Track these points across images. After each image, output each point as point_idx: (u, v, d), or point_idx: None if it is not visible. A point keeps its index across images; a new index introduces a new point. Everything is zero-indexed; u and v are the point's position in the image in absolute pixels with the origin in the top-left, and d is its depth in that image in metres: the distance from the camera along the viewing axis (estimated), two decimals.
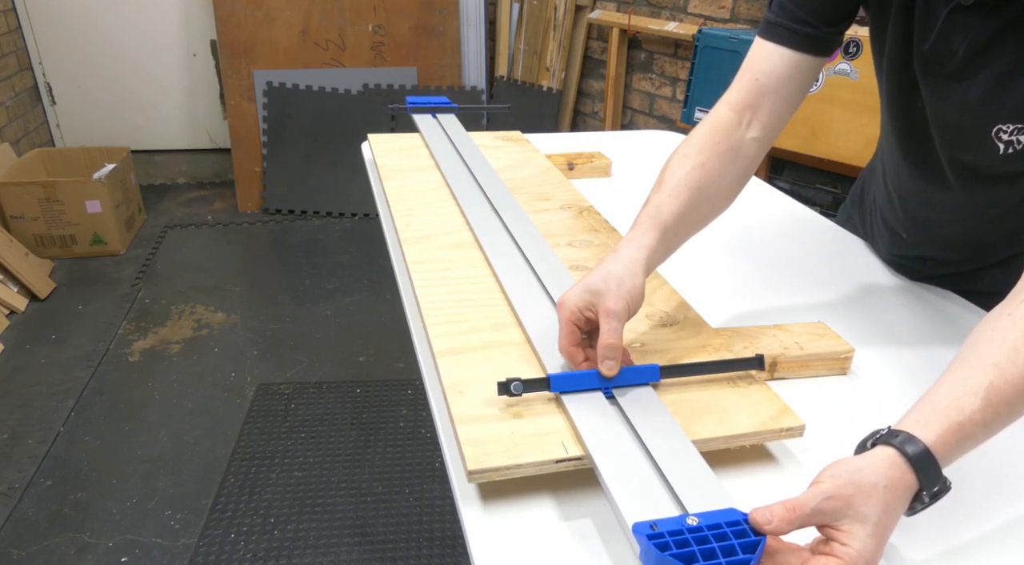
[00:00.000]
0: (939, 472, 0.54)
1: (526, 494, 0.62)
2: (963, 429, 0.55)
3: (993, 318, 0.60)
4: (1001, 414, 0.56)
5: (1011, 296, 0.61)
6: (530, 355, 0.75)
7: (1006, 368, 0.56)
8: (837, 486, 0.52)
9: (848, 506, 0.51)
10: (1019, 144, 0.76)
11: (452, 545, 1.71)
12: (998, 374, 0.56)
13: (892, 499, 0.53)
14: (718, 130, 0.82)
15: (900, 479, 0.53)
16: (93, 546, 1.69)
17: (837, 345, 0.80)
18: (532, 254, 0.93)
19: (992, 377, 0.56)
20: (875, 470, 0.53)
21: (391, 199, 1.13)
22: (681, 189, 0.77)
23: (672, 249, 0.78)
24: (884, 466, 0.53)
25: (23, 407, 2.15)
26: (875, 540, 0.51)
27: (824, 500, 0.51)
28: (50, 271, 2.90)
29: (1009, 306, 0.60)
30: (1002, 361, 0.56)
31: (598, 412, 0.65)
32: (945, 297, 0.98)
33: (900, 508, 0.54)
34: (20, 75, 3.40)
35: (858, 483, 0.52)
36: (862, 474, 0.53)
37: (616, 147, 1.49)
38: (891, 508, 0.52)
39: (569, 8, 3.39)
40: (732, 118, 0.83)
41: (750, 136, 0.83)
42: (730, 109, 0.83)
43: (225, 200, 3.68)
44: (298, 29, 3.40)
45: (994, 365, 0.56)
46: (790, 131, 2.25)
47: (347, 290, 2.84)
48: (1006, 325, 0.59)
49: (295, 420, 2.11)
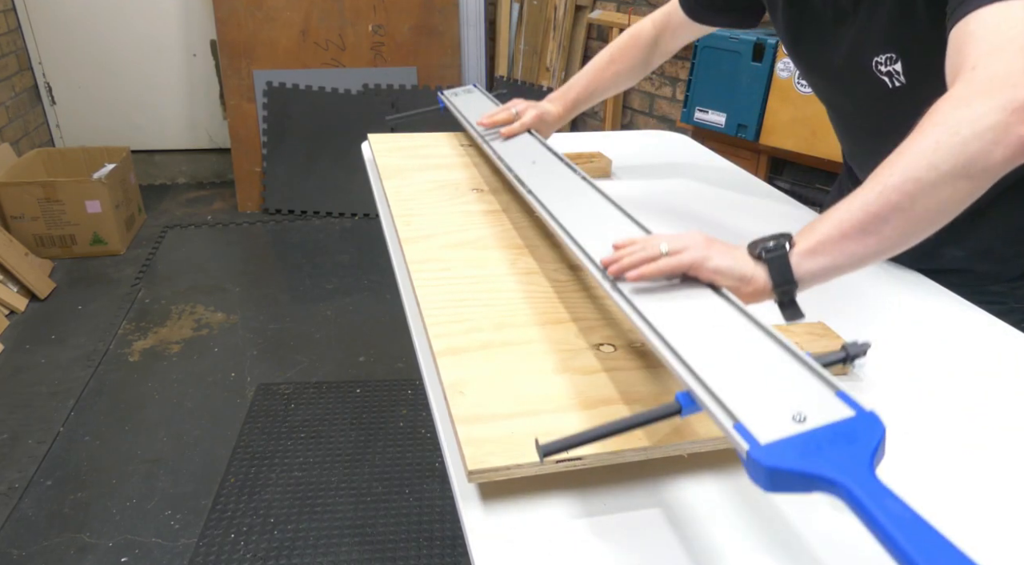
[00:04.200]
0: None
1: (526, 494, 0.62)
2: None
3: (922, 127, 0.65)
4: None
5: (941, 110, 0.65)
6: (530, 355, 0.75)
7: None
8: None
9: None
10: (898, 75, 0.87)
11: (452, 545, 1.71)
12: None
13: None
14: (635, 39, 1.22)
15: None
16: (93, 546, 1.69)
17: (837, 345, 0.80)
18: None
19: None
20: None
21: (391, 199, 1.13)
22: (593, 78, 1.24)
23: (580, 108, 1.27)
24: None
25: (23, 407, 2.15)
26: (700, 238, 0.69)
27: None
28: (50, 271, 2.90)
29: (935, 116, 0.64)
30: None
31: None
32: (945, 296, 0.98)
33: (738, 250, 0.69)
34: (20, 75, 3.40)
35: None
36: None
37: (616, 147, 1.49)
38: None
39: (569, 8, 3.39)
40: (651, 32, 1.22)
41: (658, 50, 1.23)
42: (651, 24, 1.22)
43: (225, 200, 3.68)
44: (298, 29, 3.40)
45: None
46: (790, 131, 2.25)
47: (347, 290, 2.84)
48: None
49: (295, 420, 2.11)
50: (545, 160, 1.08)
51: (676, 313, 0.64)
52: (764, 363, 0.56)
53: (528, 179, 1.01)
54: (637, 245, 0.71)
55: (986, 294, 0.96)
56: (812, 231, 0.66)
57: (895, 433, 0.72)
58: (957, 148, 0.61)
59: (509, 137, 1.19)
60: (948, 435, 0.72)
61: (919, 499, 0.65)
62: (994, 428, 0.73)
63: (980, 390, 0.79)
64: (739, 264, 0.67)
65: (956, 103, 0.64)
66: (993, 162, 0.61)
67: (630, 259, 0.69)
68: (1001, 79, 0.63)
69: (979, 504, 0.64)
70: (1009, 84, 0.62)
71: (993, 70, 0.64)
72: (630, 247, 0.71)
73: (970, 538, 0.60)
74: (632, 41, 1.23)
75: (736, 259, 0.67)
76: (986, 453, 0.70)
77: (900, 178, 0.62)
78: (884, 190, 0.63)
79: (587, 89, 1.25)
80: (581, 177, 0.99)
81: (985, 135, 0.61)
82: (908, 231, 0.64)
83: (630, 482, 0.64)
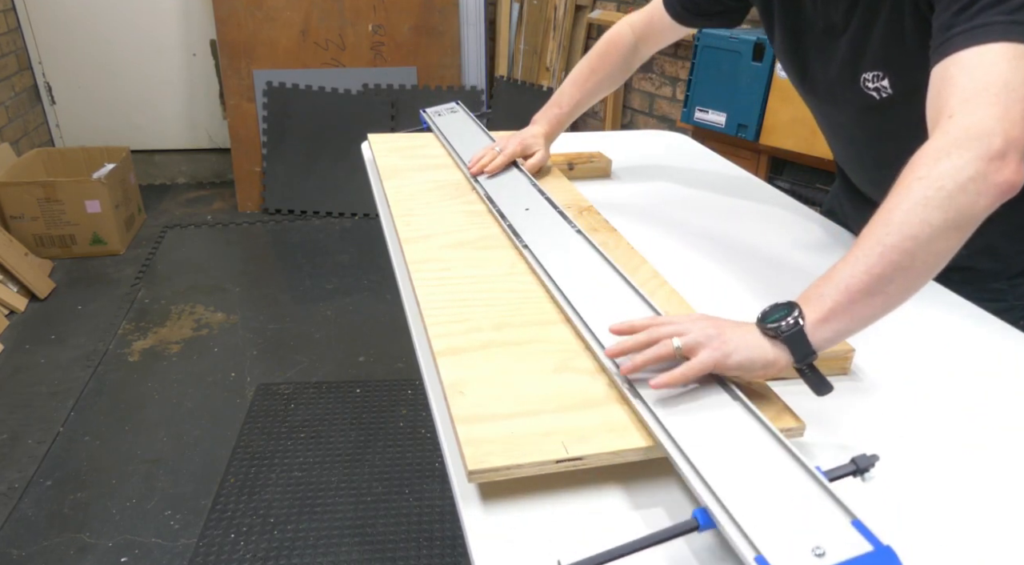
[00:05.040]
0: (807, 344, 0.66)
1: (526, 494, 0.62)
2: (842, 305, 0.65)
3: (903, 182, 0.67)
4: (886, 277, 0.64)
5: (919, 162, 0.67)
6: (530, 355, 0.75)
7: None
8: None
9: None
10: (885, 89, 0.89)
11: (452, 545, 1.71)
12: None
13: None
14: (615, 46, 1.22)
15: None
16: (93, 546, 1.69)
17: (837, 345, 0.80)
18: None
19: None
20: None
21: (391, 199, 1.13)
22: (575, 91, 1.24)
23: (568, 122, 1.26)
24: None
25: (23, 407, 2.15)
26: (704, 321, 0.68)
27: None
28: (50, 271, 2.90)
29: (918, 170, 0.66)
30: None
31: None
32: (944, 296, 0.98)
33: (745, 326, 0.68)
34: (20, 75, 3.40)
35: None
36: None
37: (616, 147, 1.49)
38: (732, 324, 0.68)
39: (569, 8, 3.39)
40: (630, 37, 1.21)
41: (639, 54, 1.23)
42: (631, 29, 1.21)
43: (225, 200, 3.68)
44: (298, 29, 3.40)
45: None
46: (790, 131, 2.25)
47: (347, 290, 2.84)
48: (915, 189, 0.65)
49: (295, 420, 2.11)
50: (538, 206, 1.06)
51: (694, 423, 0.63)
52: (780, 483, 0.56)
53: (523, 232, 0.99)
54: (642, 335, 0.68)
55: (987, 291, 0.97)
56: (821, 299, 0.66)
57: (895, 433, 0.72)
58: (945, 202, 0.63)
59: (495, 173, 1.18)
60: (948, 435, 0.72)
61: (919, 499, 0.65)
62: (994, 428, 0.73)
63: (980, 390, 0.79)
64: (758, 352, 0.66)
65: (937, 156, 0.66)
66: (978, 211, 0.64)
67: (643, 358, 0.67)
68: (976, 129, 0.65)
69: (979, 504, 0.64)
70: (985, 133, 0.64)
71: (969, 120, 0.66)
72: (636, 338, 0.69)
73: (970, 538, 0.61)
74: (611, 47, 1.22)
75: (752, 348, 0.66)
76: (986, 453, 0.70)
77: (898, 237, 0.64)
78: (884, 251, 0.64)
79: (571, 102, 1.24)
80: (576, 230, 0.98)
81: (968, 187, 0.63)
82: (910, 286, 0.66)
83: (630, 482, 0.64)
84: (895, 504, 0.63)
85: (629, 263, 0.95)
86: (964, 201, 0.63)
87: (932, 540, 0.60)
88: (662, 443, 0.61)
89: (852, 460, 0.58)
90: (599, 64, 1.23)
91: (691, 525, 0.54)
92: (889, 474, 0.67)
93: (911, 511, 0.63)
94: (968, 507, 0.63)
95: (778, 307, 0.67)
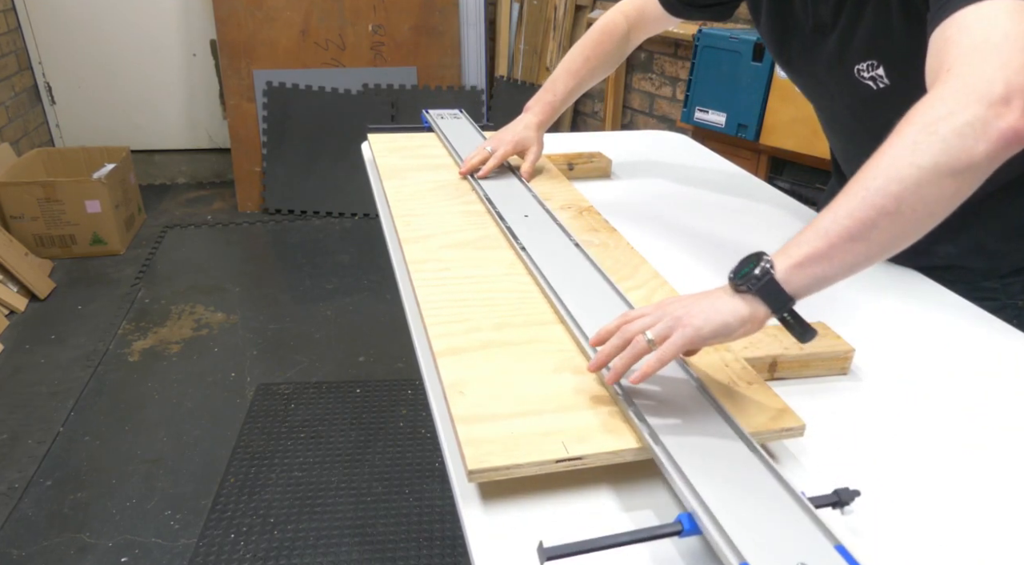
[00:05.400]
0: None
1: (526, 494, 0.62)
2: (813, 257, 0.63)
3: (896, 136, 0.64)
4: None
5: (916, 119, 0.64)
6: (530, 355, 0.75)
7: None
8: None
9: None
10: (882, 78, 0.88)
11: (452, 545, 1.71)
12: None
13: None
14: (608, 35, 1.22)
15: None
16: (93, 546, 1.69)
17: (837, 345, 0.80)
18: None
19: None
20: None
21: (391, 199, 1.13)
22: (569, 78, 1.23)
23: (562, 109, 1.26)
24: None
25: (23, 407, 2.15)
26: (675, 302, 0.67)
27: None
28: (50, 271, 2.90)
29: (912, 117, 0.63)
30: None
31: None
32: (945, 297, 0.98)
33: (716, 294, 0.67)
34: (20, 75, 3.40)
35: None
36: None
37: (616, 147, 1.49)
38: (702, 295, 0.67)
39: (569, 8, 3.39)
40: (623, 25, 1.21)
41: (631, 43, 1.24)
42: (624, 18, 1.21)
43: (225, 200, 3.68)
44: (298, 29, 3.40)
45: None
46: (790, 131, 2.25)
47: (347, 290, 2.84)
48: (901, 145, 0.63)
49: (295, 420, 2.11)
50: (536, 214, 1.06)
51: (684, 433, 0.63)
52: (764, 499, 0.57)
53: (522, 236, 0.99)
54: (615, 338, 0.67)
55: (979, 290, 0.97)
56: (798, 243, 0.63)
57: (895, 433, 0.72)
58: (937, 146, 0.60)
59: (487, 175, 1.19)
60: (948, 435, 0.72)
61: (918, 499, 0.65)
62: (994, 428, 0.73)
63: (980, 390, 0.79)
64: (730, 314, 0.64)
65: (932, 103, 0.63)
66: (976, 157, 0.60)
67: (622, 363, 0.66)
68: (976, 76, 0.62)
69: (979, 504, 0.64)
70: (984, 79, 0.61)
71: (968, 69, 0.63)
72: (610, 343, 0.67)
73: (970, 538, 0.61)
74: (605, 36, 1.22)
75: (723, 312, 0.64)
76: (986, 453, 0.70)
77: (883, 180, 0.61)
78: (868, 195, 0.61)
79: (565, 89, 1.24)
80: (574, 243, 0.98)
81: (964, 131, 0.60)
82: (898, 234, 0.62)
83: (629, 482, 0.64)
84: (896, 504, 0.63)
85: (629, 263, 0.95)
86: (959, 145, 0.60)
87: (932, 540, 0.60)
88: (653, 449, 0.62)
89: (835, 492, 0.58)
90: (592, 52, 1.22)
91: (674, 528, 0.55)
92: (889, 474, 0.67)
93: (911, 511, 0.63)
94: (968, 507, 0.63)
95: (747, 260, 0.65)
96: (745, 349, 0.78)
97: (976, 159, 0.60)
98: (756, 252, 0.65)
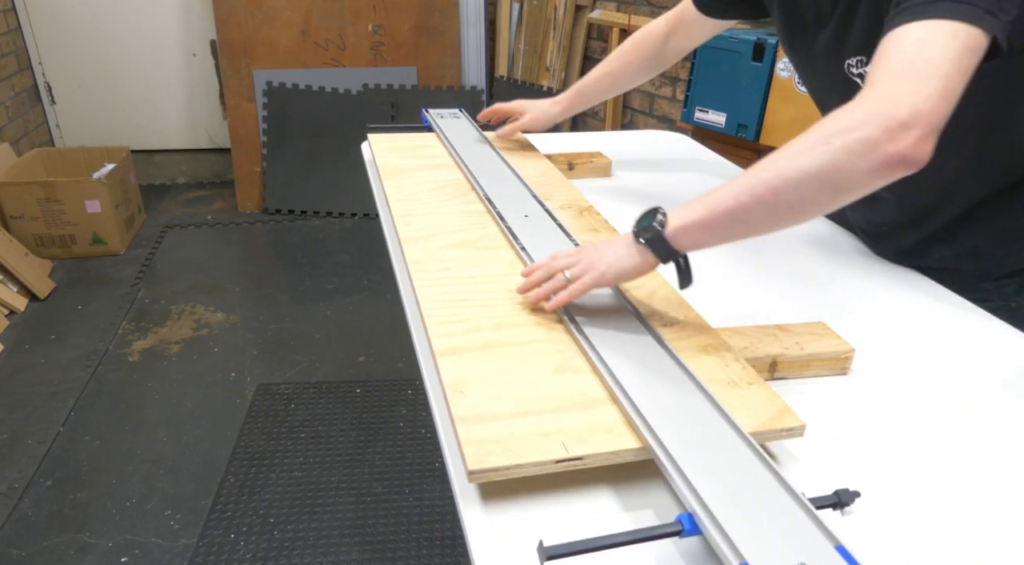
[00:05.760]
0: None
1: (526, 494, 0.62)
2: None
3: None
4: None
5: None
6: (530, 355, 0.75)
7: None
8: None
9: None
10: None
11: (452, 545, 1.71)
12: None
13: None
14: (647, 35, 1.26)
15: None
16: (93, 546, 1.69)
17: (837, 345, 0.80)
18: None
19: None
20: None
21: (391, 199, 1.13)
22: (602, 70, 1.29)
23: (588, 105, 1.34)
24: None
25: (23, 407, 2.15)
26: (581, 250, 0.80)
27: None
28: (50, 271, 2.90)
29: (822, 122, 0.68)
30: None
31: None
32: (946, 297, 0.98)
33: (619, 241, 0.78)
34: (20, 75, 3.40)
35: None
36: None
37: (616, 147, 1.49)
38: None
39: (569, 8, 3.39)
40: (663, 28, 1.24)
41: (670, 46, 1.25)
42: (665, 22, 1.25)
43: (225, 200, 3.68)
44: (298, 29, 3.40)
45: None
46: (790, 131, 2.25)
47: (347, 290, 2.84)
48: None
49: (295, 420, 2.11)
50: (536, 214, 1.06)
51: (684, 433, 0.63)
52: (765, 500, 0.57)
53: (523, 236, 0.99)
54: (541, 271, 0.82)
55: (974, 291, 0.98)
56: (689, 211, 0.73)
57: (895, 433, 0.72)
58: (826, 156, 0.65)
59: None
60: (948, 435, 0.72)
61: (918, 499, 0.65)
62: (994, 428, 0.73)
63: (980, 390, 0.79)
64: (627, 260, 0.77)
65: (842, 113, 0.67)
66: (858, 174, 0.65)
67: (542, 291, 0.80)
68: (886, 98, 0.65)
69: (979, 504, 0.64)
70: (892, 103, 0.64)
71: (884, 90, 0.66)
72: (538, 274, 0.82)
73: (970, 538, 0.61)
74: (643, 35, 1.26)
75: (622, 258, 0.77)
76: (986, 453, 0.70)
77: (771, 174, 0.68)
78: (755, 184, 0.69)
79: (596, 77, 1.30)
80: (574, 244, 0.98)
81: (854, 148, 0.64)
82: (768, 222, 0.71)
83: (629, 482, 0.64)
84: (896, 504, 0.63)
85: None
86: (844, 160, 0.64)
87: (932, 539, 0.60)
88: (654, 449, 0.62)
89: (835, 493, 0.59)
90: (631, 47, 1.28)
91: (674, 528, 0.55)
92: (889, 474, 0.67)
93: (911, 511, 0.63)
94: (967, 507, 0.63)
95: (648, 213, 0.76)
96: (745, 349, 0.78)
97: (856, 176, 0.65)
98: (655, 207, 0.76)
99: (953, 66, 0.65)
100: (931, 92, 0.64)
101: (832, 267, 1.06)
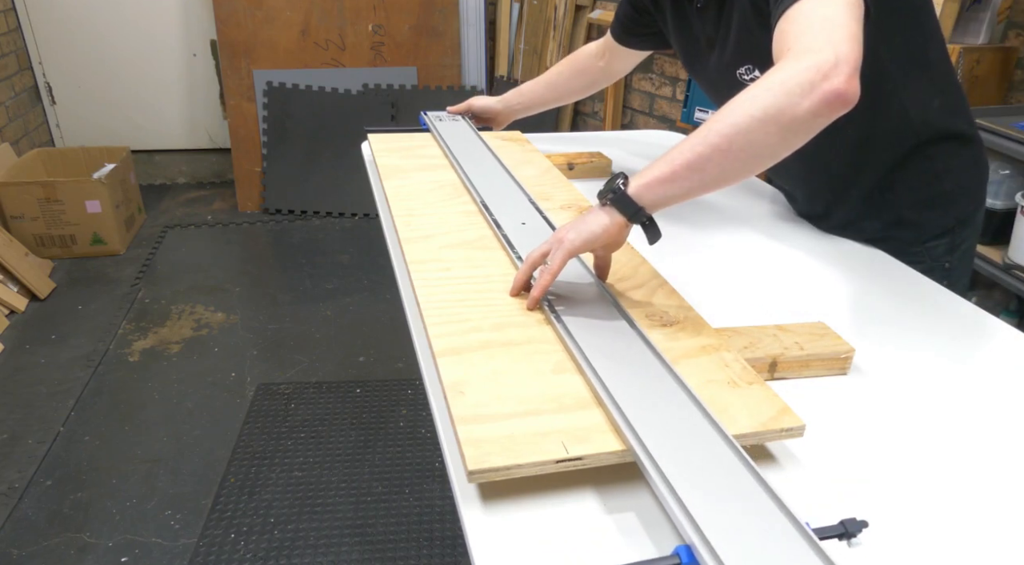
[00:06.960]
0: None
1: (526, 494, 0.62)
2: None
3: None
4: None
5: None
6: (530, 355, 0.75)
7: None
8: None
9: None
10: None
11: (452, 545, 1.71)
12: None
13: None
14: (583, 51, 1.40)
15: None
16: (93, 546, 1.69)
17: (837, 345, 0.80)
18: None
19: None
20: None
21: (391, 199, 1.13)
22: (540, 82, 1.44)
23: (527, 108, 1.46)
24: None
25: (23, 407, 2.15)
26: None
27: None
28: (50, 271, 2.90)
29: (760, 79, 0.76)
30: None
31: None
32: (946, 297, 0.98)
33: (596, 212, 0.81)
34: (20, 75, 3.40)
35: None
36: None
37: (616, 147, 1.49)
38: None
39: (569, 8, 3.39)
40: (597, 50, 1.38)
41: (599, 65, 1.39)
42: (598, 46, 1.38)
43: (225, 200, 3.68)
44: (298, 29, 3.40)
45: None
46: None
47: (347, 290, 2.84)
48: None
49: (295, 420, 2.11)
50: (533, 221, 1.05)
51: (683, 461, 0.61)
52: (767, 530, 0.55)
53: (519, 245, 0.98)
54: (524, 267, 0.84)
55: (908, 255, 1.08)
56: (651, 167, 0.79)
57: (896, 433, 0.72)
58: (768, 100, 0.72)
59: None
60: (948, 435, 0.72)
61: (918, 499, 0.65)
62: (994, 428, 0.73)
63: (980, 390, 0.79)
64: (593, 223, 0.80)
65: (774, 70, 0.75)
66: (799, 112, 0.72)
67: (521, 277, 0.85)
68: (807, 48, 0.74)
69: (979, 504, 0.64)
70: (815, 51, 0.73)
71: (804, 44, 0.75)
72: (521, 273, 0.85)
73: (970, 538, 0.60)
74: (582, 53, 1.40)
75: (588, 223, 0.81)
76: (986, 453, 0.70)
77: (722, 124, 0.74)
78: (708, 134, 0.75)
79: (535, 83, 1.44)
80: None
81: (793, 90, 0.72)
82: (728, 169, 0.76)
83: (629, 482, 0.64)
84: (896, 504, 0.63)
85: (629, 263, 0.95)
86: (786, 101, 0.72)
87: (933, 538, 0.60)
88: (655, 484, 0.59)
89: (841, 522, 0.57)
90: (566, 62, 1.42)
91: (671, 561, 0.53)
92: (889, 474, 0.67)
93: (911, 510, 0.63)
94: (968, 507, 0.63)
95: (611, 179, 0.81)
96: (745, 349, 0.78)
97: (799, 114, 0.72)
98: (618, 172, 0.81)
99: (849, 17, 0.75)
100: (844, 36, 0.73)
101: (832, 267, 1.06)
